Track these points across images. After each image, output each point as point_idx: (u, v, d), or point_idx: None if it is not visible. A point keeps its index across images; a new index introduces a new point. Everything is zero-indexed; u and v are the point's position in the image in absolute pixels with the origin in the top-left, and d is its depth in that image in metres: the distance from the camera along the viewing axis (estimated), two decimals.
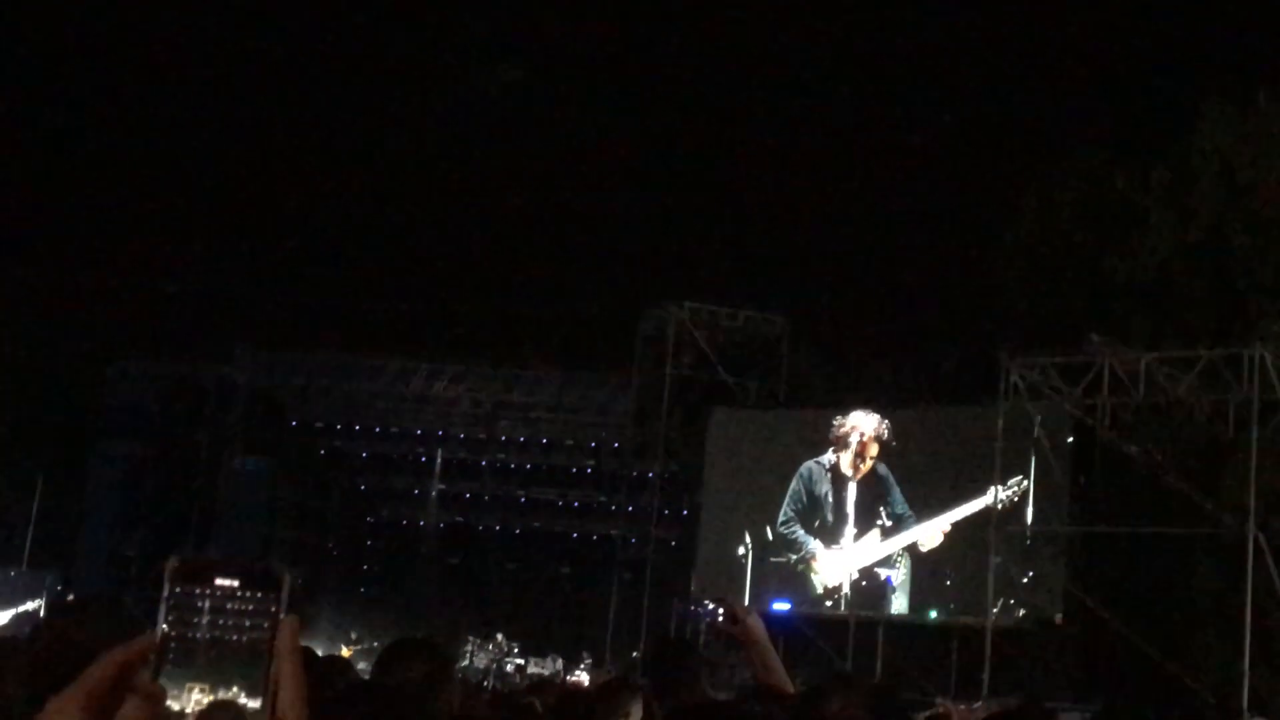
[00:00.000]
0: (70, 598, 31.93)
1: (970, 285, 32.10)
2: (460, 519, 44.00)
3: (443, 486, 43.10)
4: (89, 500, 37.49)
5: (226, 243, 44.57)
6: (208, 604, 1.20)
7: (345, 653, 32.78)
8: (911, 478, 28.86)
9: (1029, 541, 26.32)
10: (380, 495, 44.13)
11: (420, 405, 40.46)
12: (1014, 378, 25.53)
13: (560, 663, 31.68)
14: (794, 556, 29.84)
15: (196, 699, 1.17)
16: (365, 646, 33.89)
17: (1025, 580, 26.09)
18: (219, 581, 1.20)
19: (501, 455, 42.54)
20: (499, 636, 32.39)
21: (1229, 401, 23.62)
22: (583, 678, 23.76)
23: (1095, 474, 26.54)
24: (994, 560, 25.35)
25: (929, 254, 34.63)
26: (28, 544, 33.92)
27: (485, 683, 26.86)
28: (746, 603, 29.41)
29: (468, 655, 31.77)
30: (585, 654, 32.70)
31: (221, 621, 1.19)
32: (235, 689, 1.18)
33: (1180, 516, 24.11)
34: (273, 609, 1.21)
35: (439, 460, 42.61)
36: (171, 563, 1.22)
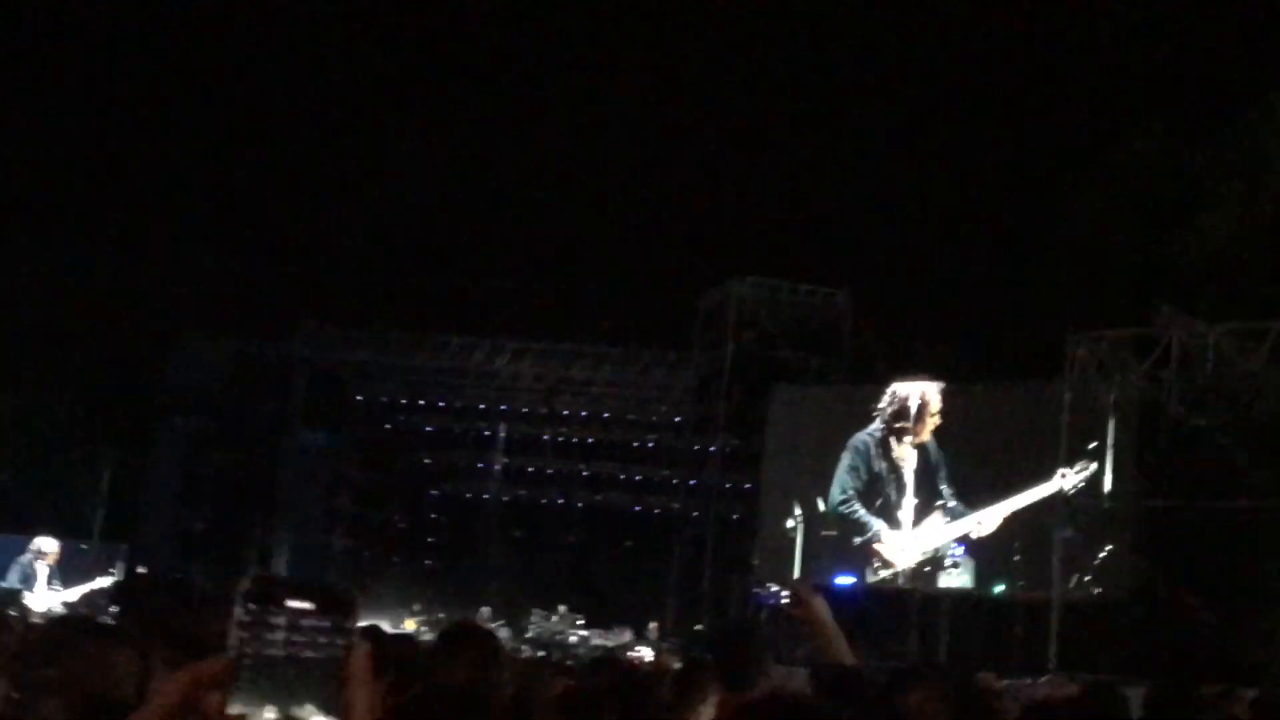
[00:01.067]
0: (140, 570, 32.37)
1: (1035, 259, 31.78)
2: (523, 493, 44.16)
3: (505, 461, 43.24)
4: (155, 476, 37.86)
5: (289, 220, 44.90)
6: (284, 621, 1.18)
7: (409, 624, 33.05)
8: (974, 455, 28.63)
9: (1095, 518, 26.07)
10: (443, 470, 44.36)
11: (482, 381, 40.57)
12: (1080, 353, 25.28)
13: (626, 635, 31.74)
14: (858, 539, 29.66)
15: (269, 718, 1.15)
16: (429, 618, 34.11)
17: (1092, 556, 25.85)
18: (291, 603, 1.19)
19: (563, 430, 42.63)
20: (561, 609, 32.48)
21: None
22: (644, 652, 23.76)
23: (1163, 450, 26.24)
24: (1060, 536, 25.15)
25: (993, 227, 34.29)
26: (98, 519, 34.34)
27: (548, 654, 26.96)
28: (809, 579, 29.42)
29: (531, 627, 31.89)
30: (648, 628, 32.73)
31: (297, 640, 1.18)
32: (309, 706, 1.16)
33: (1249, 492, 23.81)
34: (345, 628, 1.20)
35: (501, 435, 42.75)
36: (243, 584, 1.22)
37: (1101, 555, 25.89)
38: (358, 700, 1.18)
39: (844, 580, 29.59)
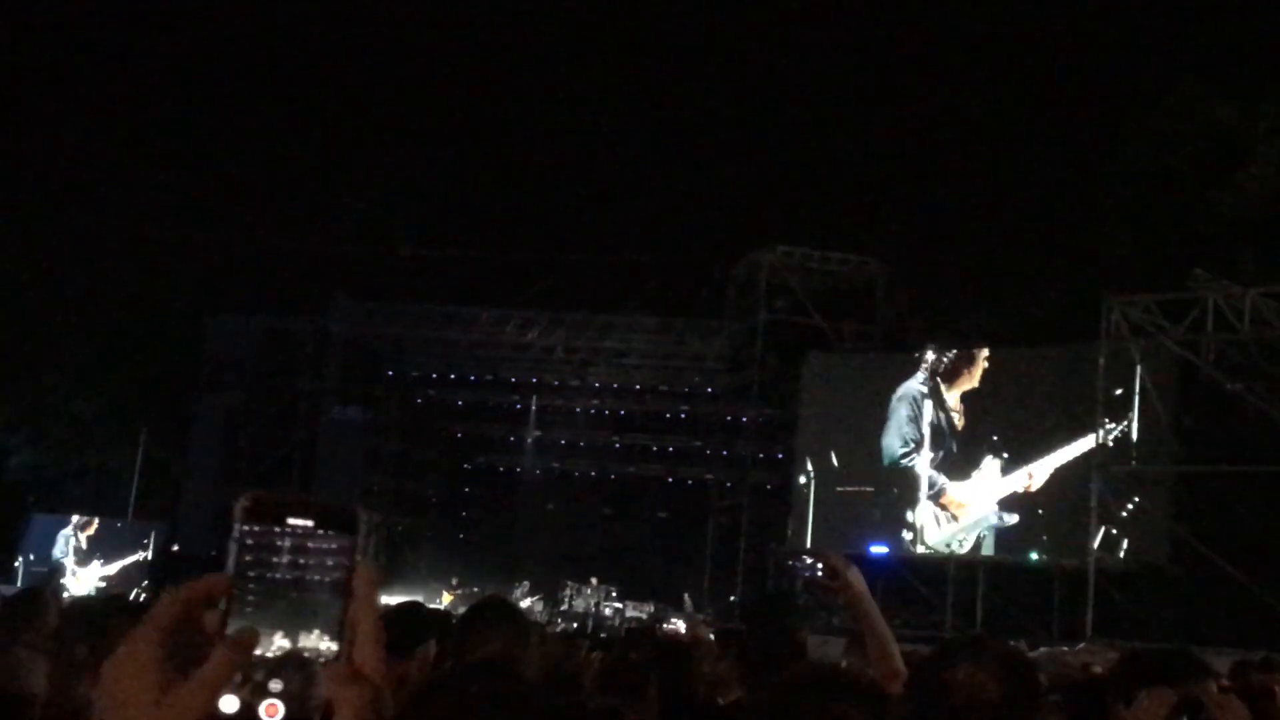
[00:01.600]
0: (174, 548, 32.63)
1: (1070, 223, 31.54)
2: (556, 465, 44.22)
3: (539, 433, 43.29)
4: (191, 453, 38.13)
5: (321, 195, 44.97)
6: (288, 543, 1.14)
7: (447, 598, 33.20)
8: (1012, 417, 28.54)
9: (1132, 482, 25.93)
10: (477, 443, 44.45)
11: (515, 354, 40.59)
12: (1115, 315, 25.11)
13: (661, 607, 31.79)
14: (922, 494, 29.56)
15: (280, 645, 1.12)
16: (466, 592, 34.26)
17: (1128, 521, 25.72)
18: (293, 521, 1.15)
19: (596, 402, 42.65)
20: (594, 581, 32.56)
21: None
22: (678, 624, 23.72)
23: (1199, 412, 26.06)
24: (1096, 501, 25.02)
25: (1027, 191, 34.01)
26: (133, 496, 34.59)
27: (585, 625, 27.03)
28: (844, 547, 29.41)
29: (566, 599, 31.97)
30: (685, 597, 32.81)
31: (302, 561, 1.14)
32: (316, 632, 1.13)
33: None
34: (348, 547, 1.16)
35: (534, 407, 42.80)
36: (242, 501, 1.17)
37: (1135, 519, 25.76)
38: (362, 621, 1.15)
39: (878, 549, 29.57)
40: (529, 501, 44.16)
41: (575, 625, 26.64)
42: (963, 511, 28.99)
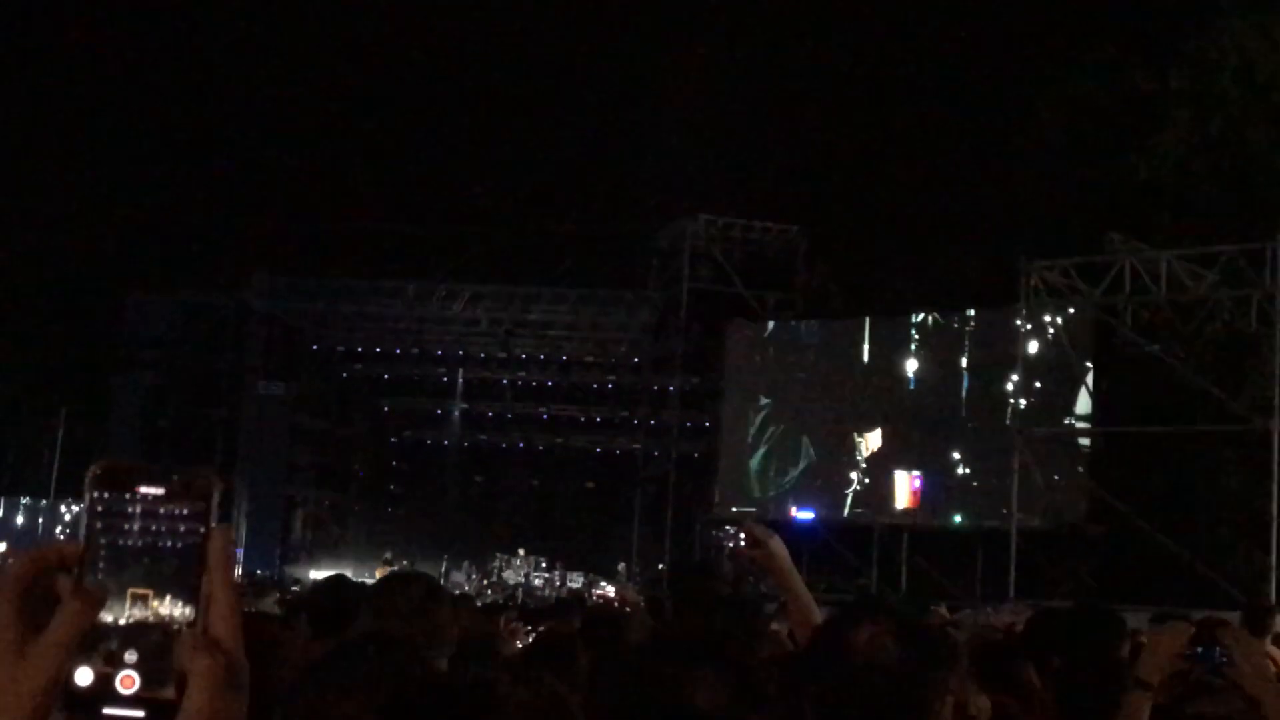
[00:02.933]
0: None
1: (988, 189, 31.80)
2: (483, 438, 44.19)
3: (465, 406, 43.21)
4: (112, 431, 37.68)
5: (237, 170, 44.42)
6: (139, 509, 1.14)
7: (380, 572, 33.13)
8: (933, 382, 28.87)
9: (1051, 444, 26.31)
10: (403, 417, 44.30)
11: (439, 326, 40.40)
12: (1034, 280, 25.42)
13: (590, 577, 31.94)
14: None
15: (132, 613, 1.12)
16: (399, 567, 34.24)
17: (1048, 483, 26.10)
18: (144, 490, 1.14)
19: (522, 374, 42.59)
20: (522, 552, 32.59)
21: (1251, 297, 23.48)
22: (609, 591, 23.90)
23: (1117, 374, 26.48)
24: (1017, 463, 25.36)
25: (945, 158, 34.25)
26: (54, 476, 34.19)
27: (516, 596, 27.09)
28: (768, 514, 29.62)
29: (495, 571, 32.02)
30: (621, 566, 33.02)
31: (154, 528, 1.14)
32: (169, 598, 1.12)
33: (1204, 414, 24.06)
34: (201, 514, 1.15)
35: (460, 380, 42.71)
36: (94, 469, 1.16)
37: (1055, 481, 26.16)
38: (216, 590, 1.14)
39: (803, 515, 29.83)
40: (456, 474, 44.09)
41: (504, 597, 26.68)
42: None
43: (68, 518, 32.07)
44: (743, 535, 4.45)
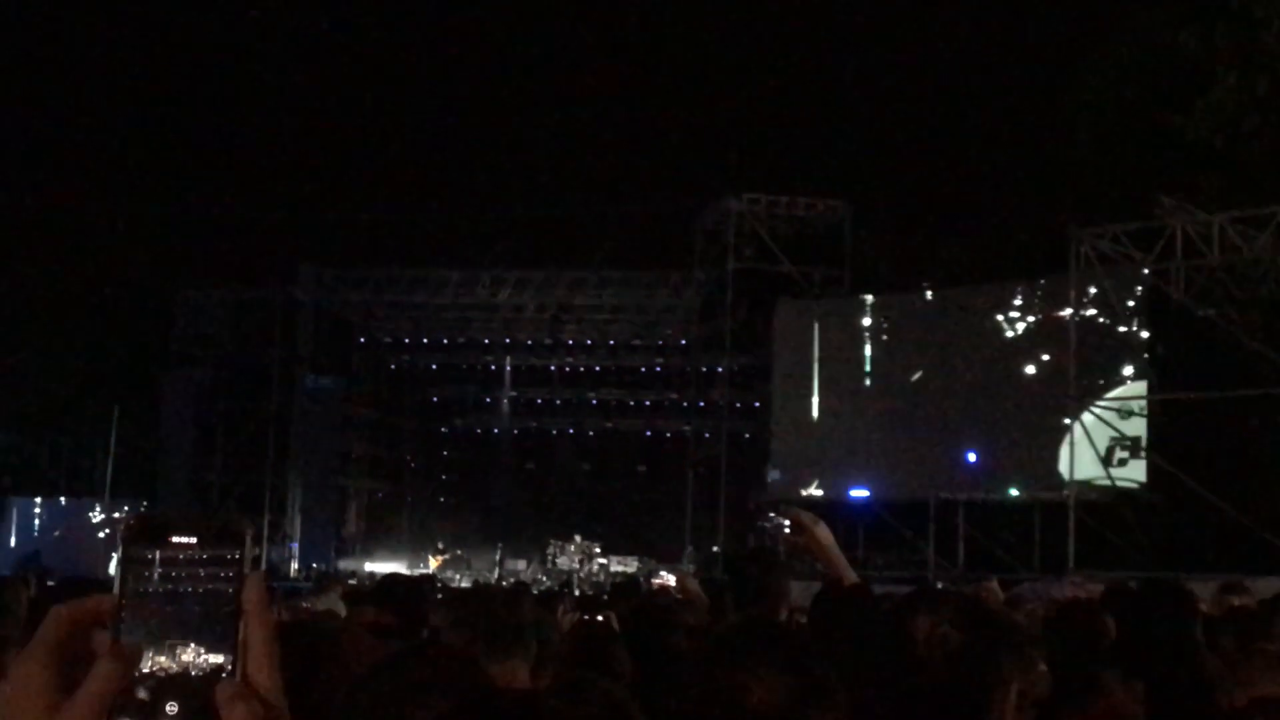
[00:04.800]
0: None
1: (1035, 156, 31.48)
2: (533, 424, 44.26)
3: (514, 394, 43.29)
4: (165, 429, 37.94)
5: (281, 165, 44.58)
6: (159, 556, 1.14)
7: (434, 562, 33.25)
8: (987, 354, 28.61)
9: (1108, 412, 26.02)
10: (452, 406, 44.42)
11: (486, 314, 40.45)
12: (1084, 247, 25.13)
13: (647, 561, 31.89)
14: None
15: (166, 661, 1.12)
16: (453, 555, 34.33)
17: (1105, 451, 25.82)
18: (175, 539, 1.15)
19: (570, 359, 42.61)
20: (577, 538, 32.61)
21: None
22: (668, 578, 23.76)
23: (1172, 341, 26.16)
24: (1073, 433, 25.11)
25: (990, 127, 33.92)
26: (109, 475, 34.45)
27: (570, 584, 27.06)
28: (826, 492, 29.49)
29: (550, 558, 32.02)
30: (684, 551, 33.06)
31: (176, 574, 1.14)
32: (203, 646, 1.12)
33: (1260, 378, 23.71)
34: (234, 561, 1.15)
35: (508, 368, 42.76)
36: (127, 521, 1.17)
37: (1112, 449, 25.88)
38: (254, 635, 1.13)
39: (859, 493, 29.66)
40: (507, 462, 44.19)
41: (560, 584, 26.67)
42: None
43: (118, 516, 32.32)
44: (788, 523, 4.42)
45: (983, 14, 36.39)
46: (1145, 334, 25.99)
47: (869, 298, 31.26)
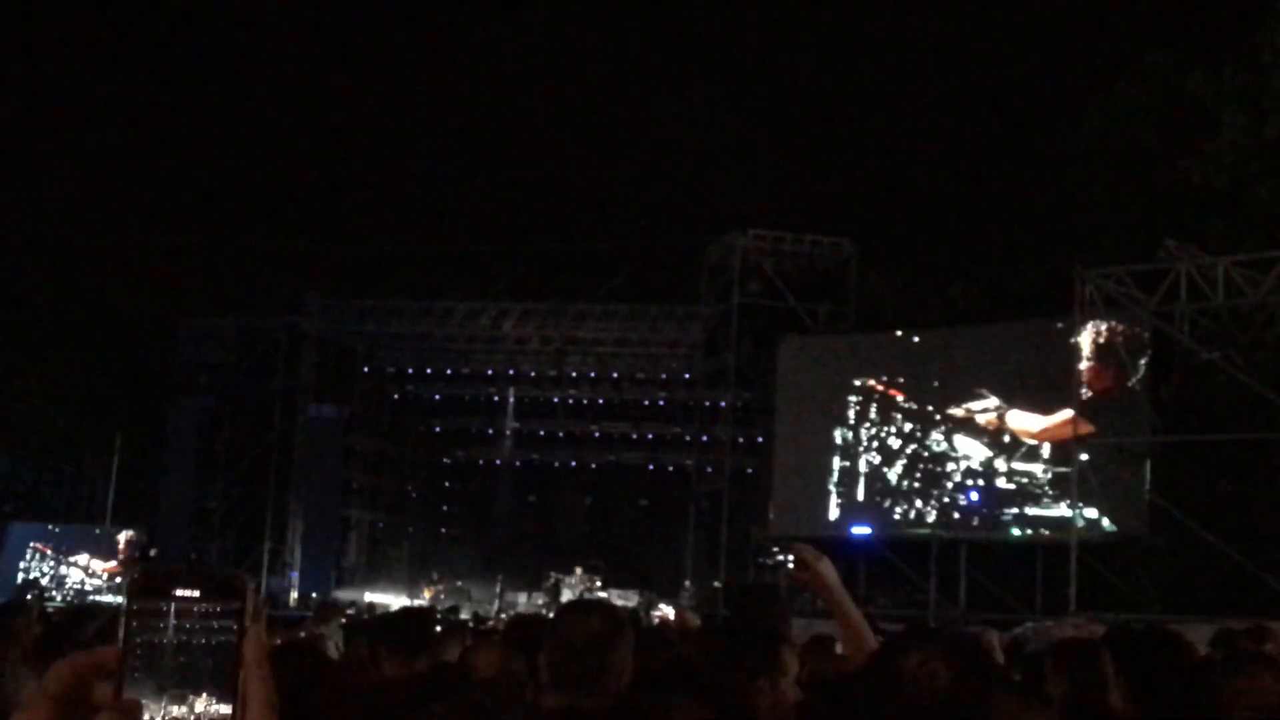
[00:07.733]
0: (152, 552, 32.53)
1: (1040, 197, 31.56)
2: (535, 456, 44.23)
3: (516, 425, 43.28)
4: (168, 456, 37.96)
5: (287, 195, 44.74)
6: (172, 608, 1.17)
7: (427, 593, 33.16)
8: (990, 394, 28.56)
9: (1111, 454, 25.96)
10: (455, 437, 44.41)
11: (490, 346, 40.49)
12: (1089, 289, 25.13)
13: (646, 595, 31.80)
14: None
15: (170, 712, 1.14)
16: (447, 586, 34.25)
17: (1108, 494, 25.76)
18: (179, 592, 1.18)
19: (573, 391, 42.63)
20: (578, 570, 32.52)
21: None
22: (668, 611, 23.70)
23: (1176, 383, 26.12)
24: (1075, 475, 25.06)
25: (997, 168, 34.08)
26: (110, 502, 34.44)
27: None
28: (828, 530, 29.43)
29: (551, 590, 31.92)
30: (682, 586, 32.97)
31: (186, 626, 1.17)
32: (205, 696, 1.15)
33: (1264, 422, 23.67)
34: (237, 613, 1.19)
35: (512, 399, 42.77)
36: (133, 574, 1.20)
37: (1115, 491, 25.81)
38: (253, 688, 1.16)
39: (860, 530, 29.58)
40: (509, 494, 44.15)
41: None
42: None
43: (122, 543, 32.29)
44: (791, 559, 4.42)
45: (991, 56, 36.57)
46: (1149, 377, 25.95)
47: (873, 335, 31.24)
